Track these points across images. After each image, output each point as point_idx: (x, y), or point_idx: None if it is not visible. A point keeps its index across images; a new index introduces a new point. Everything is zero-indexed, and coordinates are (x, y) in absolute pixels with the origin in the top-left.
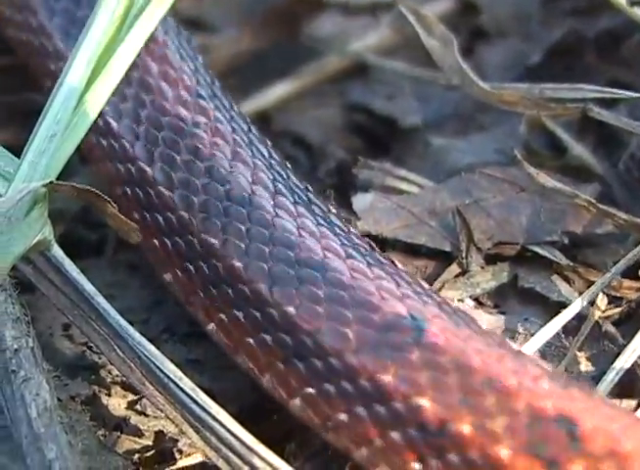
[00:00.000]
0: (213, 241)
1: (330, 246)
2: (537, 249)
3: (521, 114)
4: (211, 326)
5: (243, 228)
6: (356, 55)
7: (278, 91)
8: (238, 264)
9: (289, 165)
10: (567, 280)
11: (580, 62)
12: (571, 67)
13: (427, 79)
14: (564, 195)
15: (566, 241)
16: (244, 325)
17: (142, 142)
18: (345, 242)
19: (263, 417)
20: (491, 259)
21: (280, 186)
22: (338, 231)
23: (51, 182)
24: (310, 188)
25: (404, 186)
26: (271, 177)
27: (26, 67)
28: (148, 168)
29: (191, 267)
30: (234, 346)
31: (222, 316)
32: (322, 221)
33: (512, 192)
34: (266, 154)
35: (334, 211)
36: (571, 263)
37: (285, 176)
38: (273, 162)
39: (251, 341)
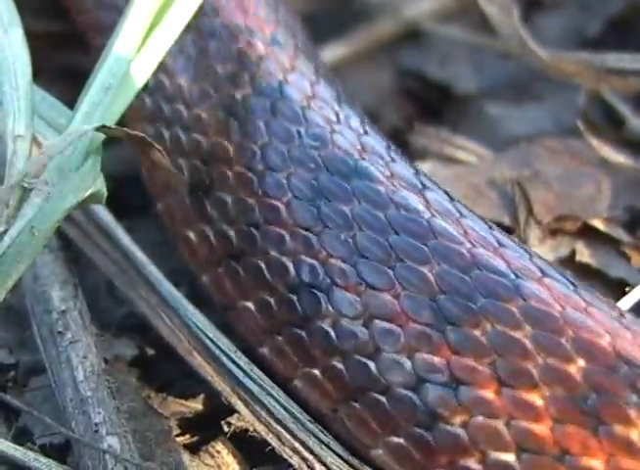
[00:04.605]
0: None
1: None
2: (598, 224)
3: (577, 84)
4: None
5: None
6: (410, 20)
7: (329, 55)
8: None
9: None
10: (626, 257)
11: (636, 34)
12: (626, 39)
13: (482, 47)
14: (626, 169)
15: (627, 217)
16: None
17: None
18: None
19: None
20: (550, 233)
21: None
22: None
23: (103, 126)
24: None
25: (461, 155)
26: None
27: (77, 26)
28: None
29: None
30: None
31: None
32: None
33: (572, 164)
34: None
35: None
36: (632, 240)
37: None
38: None
39: None
